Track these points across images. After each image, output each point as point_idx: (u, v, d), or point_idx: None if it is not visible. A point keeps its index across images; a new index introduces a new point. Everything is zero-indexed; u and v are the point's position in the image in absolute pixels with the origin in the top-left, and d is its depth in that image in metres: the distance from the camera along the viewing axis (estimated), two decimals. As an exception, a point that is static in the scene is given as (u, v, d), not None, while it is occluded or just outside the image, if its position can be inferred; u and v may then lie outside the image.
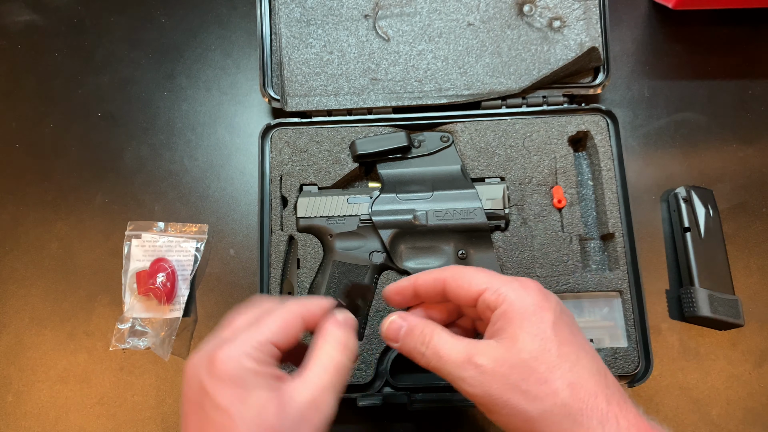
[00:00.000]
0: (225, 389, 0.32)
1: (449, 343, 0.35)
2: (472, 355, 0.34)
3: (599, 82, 0.59)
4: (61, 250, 0.62)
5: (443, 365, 0.35)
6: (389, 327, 0.39)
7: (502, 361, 0.33)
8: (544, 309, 0.34)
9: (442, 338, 0.36)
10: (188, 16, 0.69)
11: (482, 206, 0.55)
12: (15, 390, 0.58)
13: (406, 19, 0.60)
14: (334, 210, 0.56)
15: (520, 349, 0.33)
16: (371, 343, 0.54)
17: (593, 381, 0.33)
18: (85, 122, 0.66)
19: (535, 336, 0.33)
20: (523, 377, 0.32)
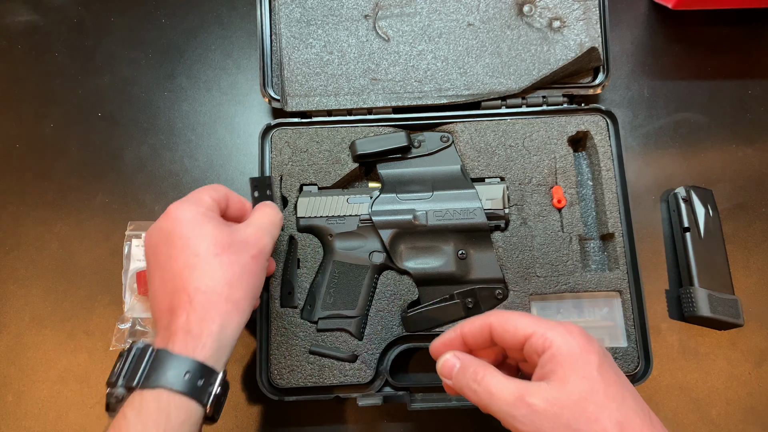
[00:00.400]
0: (183, 225, 0.41)
1: (501, 383, 0.37)
2: (524, 395, 0.36)
3: (599, 82, 0.60)
4: (61, 250, 0.62)
5: (495, 403, 0.37)
6: (443, 365, 0.41)
7: (554, 402, 0.35)
8: (589, 352, 0.36)
9: (494, 377, 0.38)
10: (188, 17, 0.69)
11: (482, 206, 0.55)
12: (15, 390, 0.59)
13: (406, 19, 0.60)
14: (334, 210, 0.56)
15: (571, 391, 0.35)
16: (371, 343, 0.54)
17: (639, 420, 0.35)
18: (85, 122, 0.66)
19: (583, 378, 0.35)
20: (574, 417, 0.34)
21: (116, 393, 0.38)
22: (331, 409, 0.56)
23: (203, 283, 0.39)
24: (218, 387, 0.38)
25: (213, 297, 0.39)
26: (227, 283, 0.40)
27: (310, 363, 0.53)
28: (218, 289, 0.39)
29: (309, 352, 0.54)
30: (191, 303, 0.38)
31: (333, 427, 0.57)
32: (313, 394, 0.53)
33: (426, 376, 0.57)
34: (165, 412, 0.36)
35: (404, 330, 0.54)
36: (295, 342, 0.54)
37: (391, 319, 0.54)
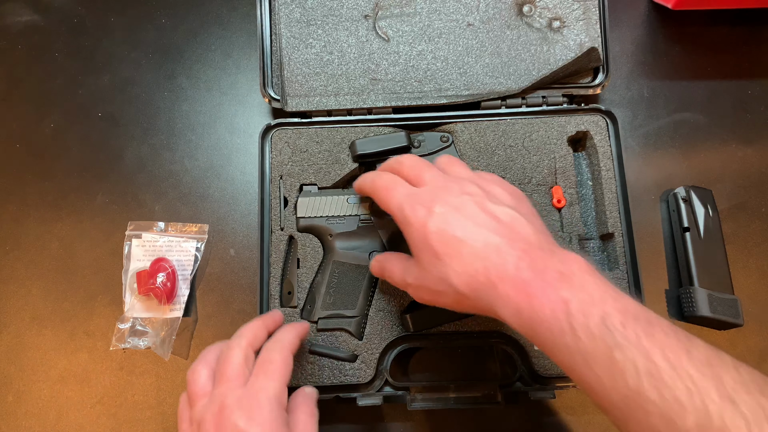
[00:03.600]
0: None
1: (395, 267, 0.46)
2: (405, 277, 0.44)
3: (599, 82, 0.60)
4: (61, 250, 0.62)
5: (395, 283, 0.46)
6: (372, 265, 0.50)
7: (417, 277, 0.42)
8: (415, 219, 0.41)
9: (390, 263, 0.46)
10: (188, 17, 0.69)
11: None
12: (15, 390, 0.59)
13: (406, 20, 0.60)
14: (334, 210, 0.56)
15: (420, 264, 0.41)
16: (371, 343, 0.54)
17: (479, 260, 0.38)
18: (85, 122, 0.66)
19: (421, 250, 0.41)
20: (432, 284, 0.40)
21: None
22: (331, 409, 0.56)
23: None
24: None
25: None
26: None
27: (309, 363, 0.53)
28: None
29: (309, 351, 0.54)
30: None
31: (333, 426, 0.57)
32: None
33: (426, 376, 0.57)
34: None
35: (404, 330, 0.54)
36: (295, 342, 0.54)
37: (391, 319, 0.54)
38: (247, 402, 0.39)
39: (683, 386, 0.29)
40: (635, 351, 0.30)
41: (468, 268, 0.37)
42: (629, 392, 0.30)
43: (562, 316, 0.33)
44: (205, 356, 0.44)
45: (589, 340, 0.32)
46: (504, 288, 0.36)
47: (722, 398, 0.28)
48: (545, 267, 0.35)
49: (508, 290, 0.35)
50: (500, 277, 0.36)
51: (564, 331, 0.32)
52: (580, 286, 0.34)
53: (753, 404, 0.27)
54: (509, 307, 0.35)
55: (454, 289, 0.39)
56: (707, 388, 0.28)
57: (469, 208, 0.40)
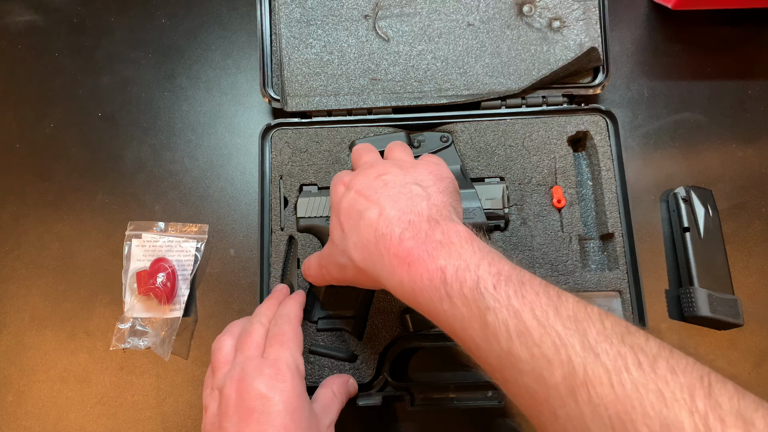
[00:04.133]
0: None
1: (312, 258, 0.49)
2: (319, 260, 0.47)
3: (599, 82, 0.60)
4: (61, 250, 0.62)
5: (315, 276, 0.48)
6: (302, 269, 0.52)
7: (327, 255, 0.45)
8: (339, 203, 0.43)
9: (309, 258, 0.50)
10: (188, 17, 0.69)
11: (482, 206, 0.55)
12: (15, 390, 0.59)
13: (406, 20, 0.60)
14: None
15: (332, 244, 0.43)
16: (371, 343, 0.54)
17: (372, 231, 0.38)
18: (86, 122, 0.66)
19: (334, 228, 0.43)
20: (337, 259, 0.43)
21: None
22: (331, 409, 0.56)
23: None
24: None
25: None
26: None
27: (309, 363, 0.53)
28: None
29: (309, 351, 0.54)
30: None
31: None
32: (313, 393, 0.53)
33: (426, 376, 0.57)
34: None
35: (404, 330, 0.54)
36: (295, 342, 0.54)
37: (391, 319, 0.54)
38: (268, 370, 0.41)
39: (550, 342, 0.29)
40: (506, 312, 0.31)
41: (362, 239, 0.38)
42: (503, 353, 0.31)
43: (438, 283, 0.33)
44: (231, 329, 0.47)
45: (464, 306, 0.32)
46: (389, 257, 0.36)
47: (585, 350, 0.28)
48: (426, 237, 0.36)
49: (392, 259, 0.36)
50: (386, 247, 0.37)
51: (441, 298, 0.33)
52: (457, 253, 0.34)
53: (614, 354, 0.28)
54: (394, 277, 0.36)
55: (353, 262, 0.40)
56: (572, 342, 0.29)
57: (377, 186, 0.41)
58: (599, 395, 0.27)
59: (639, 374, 0.27)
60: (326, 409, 0.47)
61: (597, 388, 0.27)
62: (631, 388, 0.26)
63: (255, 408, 0.39)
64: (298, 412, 0.40)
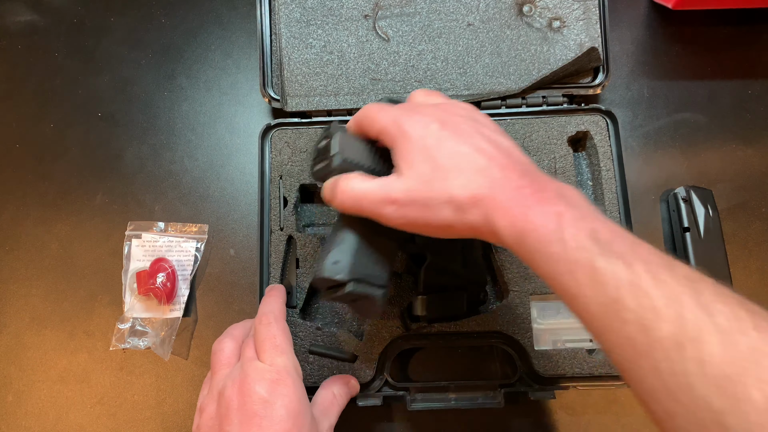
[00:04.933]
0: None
1: (366, 185, 0.40)
2: (389, 193, 0.38)
3: (599, 82, 0.60)
4: (61, 250, 0.62)
5: (365, 205, 0.40)
6: (324, 191, 0.43)
7: (408, 191, 0.38)
8: (424, 138, 0.38)
9: (358, 181, 0.40)
10: (188, 16, 0.69)
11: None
12: (15, 390, 0.59)
13: (406, 19, 0.60)
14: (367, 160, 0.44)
15: (416, 176, 0.38)
16: (371, 343, 0.54)
17: (482, 175, 0.36)
18: (85, 122, 0.66)
19: (425, 157, 0.38)
20: (428, 197, 0.37)
21: None
22: (331, 409, 0.56)
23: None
24: None
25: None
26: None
27: (309, 363, 0.53)
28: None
29: (308, 352, 0.54)
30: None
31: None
32: (312, 394, 0.53)
33: (426, 376, 0.57)
34: None
35: (410, 318, 0.54)
36: (295, 342, 0.53)
37: (391, 319, 0.54)
38: (269, 374, 0.41)
39: (661, 294, 0.29)
40: (619, 262, 0.31)
41: (471, 182, 0.37)
42: (608, 300, 0.30)
43: (553, 225, 0.33)
44: (231, 331, 0.47)
45: (575, 249, 0.32)
46: (503, 199, 0.36)
47: (698, 308, 0.28)
48: (544, 187, 0.36)
49: (507, 202, 0.35)
50: (502, 189, 0.36)
51: (552, 240, 0.33)
52: (575, 204, 0.35)
53: (729, 314, 0.27)
54: (506, 218, 0.35)
55: (454, 203, 0.37)
56: (685, 298, 0.28)
57: (466, 127, 0.40)
58: (709, 353, 0.26)
59: (756, 337, 0.26)
60: (325, 412, 0.47)
61: (707, 345, 0.26)
62: (746, 350, 0.25)
63: (257, 412, 0.39)
64: (300, 417, 0.40)
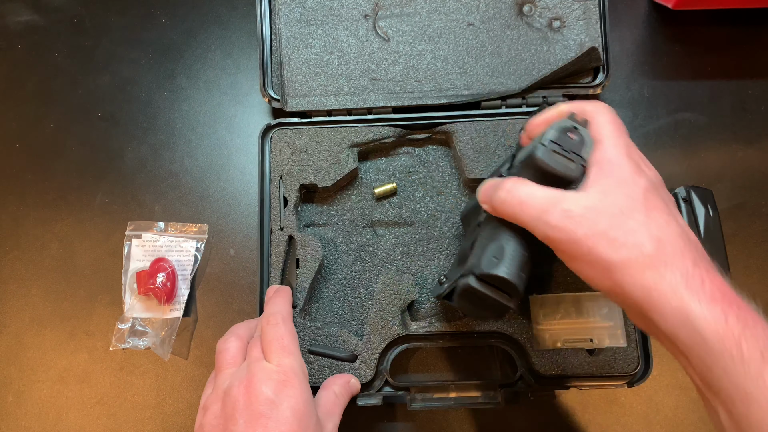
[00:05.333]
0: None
1: (532, 189, 0.37)
2: (559, 201, 0.36)
3: (599, 82, 0.60)
4: (61, 250, 0.62)
5: (525, 210, 0.36)
6: (483, 190, 0.41)
7: (592, 208, 0.35)
8: (638, 174, 0.36)
9: (526, 185, 0.38)
10: (188, 16, 0.69)
11: None
12: (15, 390, 0.59)
13: (406, 19, 0.60)
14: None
15: (612, 203, 0.35)
16: (371, 343, 0.54)
17: (681, 242, 0.34)
18: (85, 122, 0.66)
19: (627, 196, 0.35)
20: (610, 226, 0.34)
21: None
22: (331, 409, 0.56)
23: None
24: None
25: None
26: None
27: (309, 363, 0.53)
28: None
29: (309, 352, 0.54)
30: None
31: (333, 427, 0.57)
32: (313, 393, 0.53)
33: (426, 376, 0.57)
34: None
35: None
36: (295, 342, 0.54)
37: (391, 319, 0.54)
38: (276, 375, 0.41)
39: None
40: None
41: (657, 243, 0.34)
42: (751, 378, 0.30)
43: (725, 329, 0.31)
44: (235, 330, 0.47)
45: (743, 361, 0.31)
46: (678, 281, 0.33)
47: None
48: (722, 286, 0.33)
49: (681, 284, 0.33)
50: (682, 269, 0.33)
51: (724, 354, 0.31)
52: (753, 322, 0.32)
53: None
54: (674, 300, 0.33)
55: (629, 247, 0.33)
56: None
57: (665, 194, 0.38)
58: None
59: None
60: (329, 413, 0.46)
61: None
62: None
63: (263, 413, 0.39)
64: (305, 418, 0.40)
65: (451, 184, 0.61)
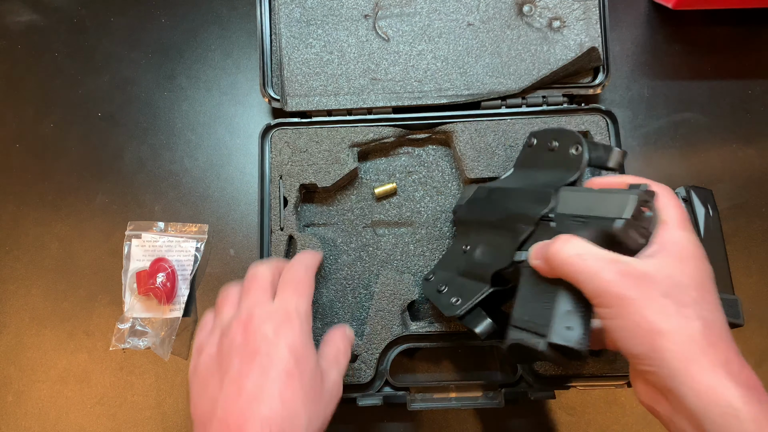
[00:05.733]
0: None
1: (590, 246, 0.37)
2: (618, 261, 0.36)
3: (599, 82, 0.60)
4: (61, 250, 0.62)
5: (583, 265, 0.36)
6: (536, 250, 0.40)
7: (648, 275, 0.35)
8: (700, 261, 0.37)
9: (583, 242, 0.37)
10: (188, 16, 0.69)
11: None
12: (15, 390, 0.59)
13: (406, 19, 0.60)
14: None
15: (669, 275, 0.35)
16: (371, 343, 0.54)
17: (725, 330, 0.35)
18: (85, 122, 0.66)
19: (685, 274, 0.36)
20: (665, 294, 0.34)
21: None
22: (331, 409, 0.56)
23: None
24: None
25: None
26: None
27: (310, 363, 0.53)
28: None
29: (309, 352, 0.54)
30: None
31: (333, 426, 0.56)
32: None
33: (426, 376, 0.57)
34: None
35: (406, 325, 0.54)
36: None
37: (391, 319, 0.54)
38: (277, 315, 0.40)
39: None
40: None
41: (719, 325, 0.35)
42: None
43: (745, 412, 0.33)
44: (257, 268, 0.45)
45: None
46: (736, 359, 0.35)
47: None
48: (748, 374, 0.35)
49: (714, 368, 0.34)
50: (739, 362, 0.35)
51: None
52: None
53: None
54: (705, 380, 0.34)
55: (700, 322, 0.34)
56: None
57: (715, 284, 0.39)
58: None
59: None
60: (334, 361, 0.44)
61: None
62: None
63: (259, 350, 0.38)
64: (303, 361, 0.39)
65: (451, 184, 0.61)
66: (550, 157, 0.49)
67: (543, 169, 0.49)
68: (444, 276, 0.53)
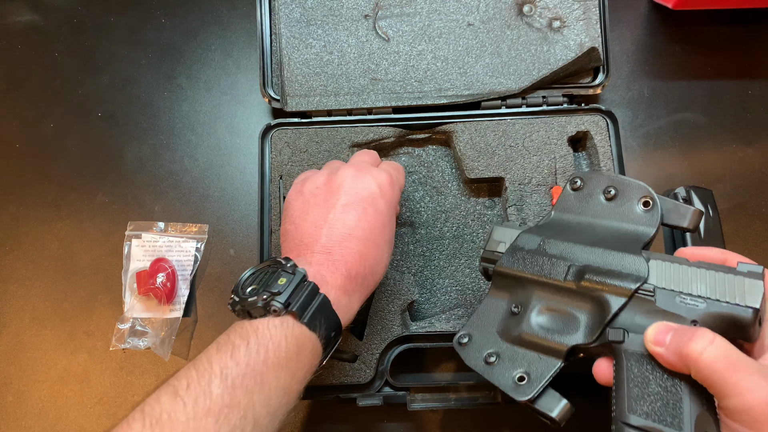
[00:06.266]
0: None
1: (740, 353, 0.32)
2: (753, 362, 0.32)
3: (599, 82, 0.60)
4: (61, 250, 0.62)
5: (734, 374, 0.31)
6: (657, 330, 0.35)
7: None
8: None
9: (728, 343, 0.32)
10: (188, 16, 0.69)
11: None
12: (15, 390, 0.59)
13: (406, 19, 0.60)
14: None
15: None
16: (371, 343, 0.54)
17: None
18: (85, 122, 0.66)
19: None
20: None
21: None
22: (331, 409, 0.56)
23: None
24: None
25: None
26: None
27: (310, 363, 0.53)
28: None
29: (309, 352, 0.54)
30: None
31: (333, 426, 0.57)
32: (313, 393, 0.53)
33: (426, 376, 0.57)
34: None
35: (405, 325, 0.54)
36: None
37: (391, 319, 0.54)
38: (381, 175, 0.46)
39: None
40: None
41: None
42: None
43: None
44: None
45: None
46: None
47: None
48: None
49: None
50: None
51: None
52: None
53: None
54: None
55: None
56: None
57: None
58: None
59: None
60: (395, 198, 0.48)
61: None
62: None
63: (366, 198, 0.43)
64: (389, 224, 0.44)
65: (451, 184, 0.61)
66: (608, 208, 0.44)
67: (599, 219, 0.44)
68: (485, 341, 0.44)
